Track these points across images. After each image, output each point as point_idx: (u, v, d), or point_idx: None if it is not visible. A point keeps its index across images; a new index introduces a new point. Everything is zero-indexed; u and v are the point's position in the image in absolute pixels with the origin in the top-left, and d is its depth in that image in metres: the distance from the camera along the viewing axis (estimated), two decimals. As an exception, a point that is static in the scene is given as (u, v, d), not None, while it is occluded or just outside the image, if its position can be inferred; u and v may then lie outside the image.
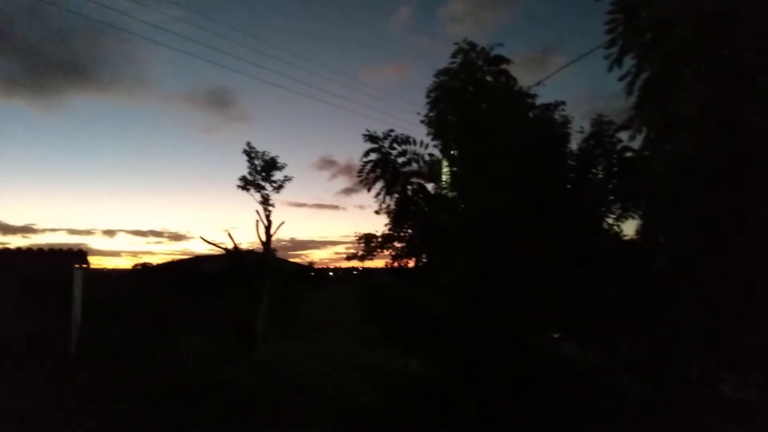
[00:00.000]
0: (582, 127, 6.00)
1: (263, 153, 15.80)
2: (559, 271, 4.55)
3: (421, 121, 6.05)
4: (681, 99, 2.33)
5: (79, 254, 14.35)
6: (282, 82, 67.28)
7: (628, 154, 5.37)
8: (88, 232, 69.35)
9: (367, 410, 5.71)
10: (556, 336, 5.39)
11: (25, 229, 63.09)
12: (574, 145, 6.01)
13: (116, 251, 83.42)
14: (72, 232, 69.86)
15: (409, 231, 5.89)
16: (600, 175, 5.83)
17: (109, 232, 71.21)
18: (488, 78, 5.36)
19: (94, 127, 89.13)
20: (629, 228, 5.70)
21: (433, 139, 5.98)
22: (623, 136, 5.44)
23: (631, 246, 5.06)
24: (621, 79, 2.96)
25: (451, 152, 6.31)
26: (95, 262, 15.88)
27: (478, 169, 5.25)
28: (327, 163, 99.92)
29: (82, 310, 16.21)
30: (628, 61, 2.93)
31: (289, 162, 16.03)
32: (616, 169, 5.60)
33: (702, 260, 2.76)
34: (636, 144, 4.03)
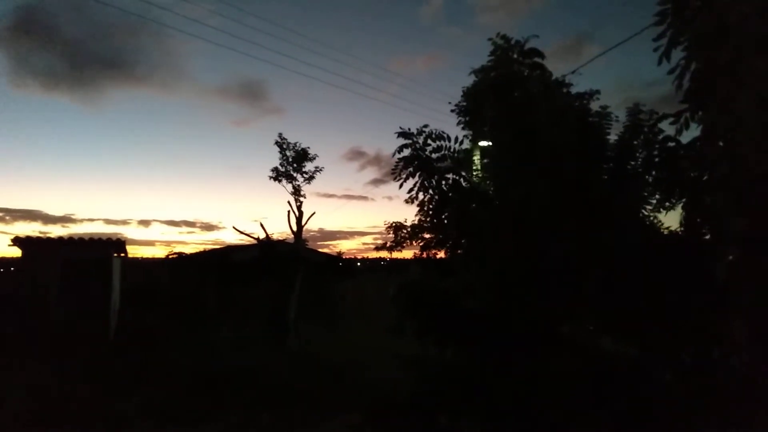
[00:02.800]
0: (617, 117, 5.92)
1: (295, 144, 15.93)
2: (598, 263, 4.51)
3: (452, 110, 6.06)
4: (742, 99, 2.26)
5: (118, 243, 14.78)
6: (313, 73, 67.85)
7: (671, 144, 5.26)
8: (124, 222, 71.34)
9: (408, 398, 5.78)
10: (591, 329, 5.35)
11: (65, 219, 65.32)
12: (612, 135, 5.93)
13: (151, 240, 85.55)
14: (109, 221, 71.92)
15: (445, 222, 5.90)
16: (639, 167, 5.74)
17: (144, 222, 72.97)
18: (524, 71, 5.32)
19: (131, 119, 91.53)
20: (667, 219, 5.62)
21: (463, 129, 5.98)
22: (664, 125, 5.36)
23: (675, 239, 4.97)
24: (670, 72, 2.89)
25: (483, 143, 6.32)
26: (131, 251, 16.46)
27: (515, 162, 5.23)
28: (356, 154, 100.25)
29: (120, 297, 16.72)
30: (677, 54, 2.87)
31: (319, 153, 16.10)
32: (657, 159, 5.50)
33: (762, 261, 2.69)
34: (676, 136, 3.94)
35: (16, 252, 13.82)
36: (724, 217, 2.79)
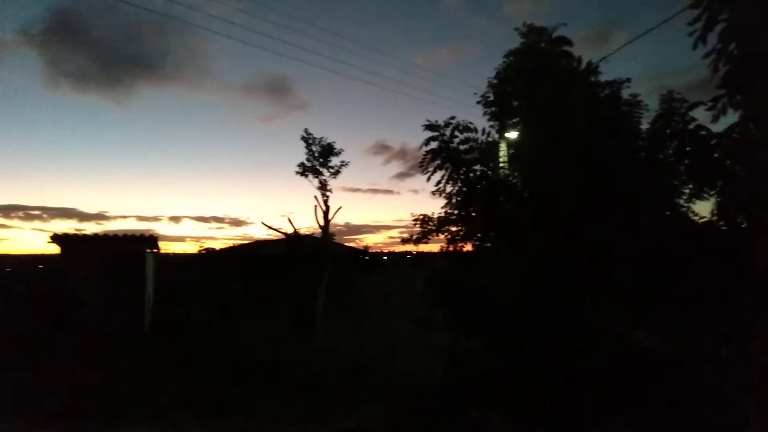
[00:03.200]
0: (647, 105, 5.80)
1: (320, 139, 16.02)
2: (631, 253, 4.43)
3: (478, 102, 6.02)
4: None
5: (150, 239, 15.10)
6: (339, 69, 68.08)
7: (703, 133, 5.12)
8: (156, 219, 73.49)
9: (436, 391, 5.78)
10: (624, 320, 5.25)
11: (99, 217, 67.67)
12: (643, 123, 5.82)
13: (181, 236, 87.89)
14: (141, 218, 74.28)
15: (472, 214, 5.86)
16: (671, 156, 5.62)
17: (175, 219, 74.82)
18: (552, 59, 5.26)
19: (161, 118, 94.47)
20: (699, 208, 5.50)
21: (490, 119, 5.93)
22: (696, 113, 5.23)
23: (710, 229, 4.84)
24: (705, 56, 2.81)
25: (510, 134, 6.26)
26: (162, 246, 16.78)
27: (545, 150, 5.16)
28: (382, 148, 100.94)
29: (153, 292, 17.09)
30: (712, 38, 2.78)
31: (345, 148, 16.20)
32: (689, 148, 5.37)
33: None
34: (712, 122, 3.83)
35: (54, 249, 14.31)
36: (766, 205, 2.70)
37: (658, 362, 4.53)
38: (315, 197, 16.25)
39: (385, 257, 35.54)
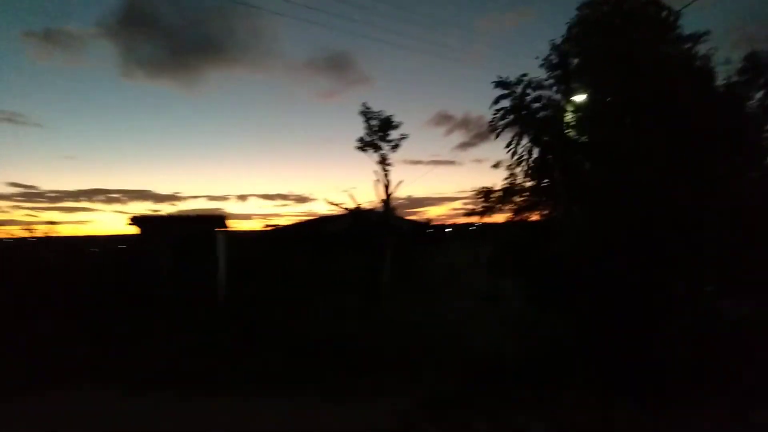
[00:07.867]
0: (727, 58, 5.34)
1: (379, 113, 15.98)
2: (718, 215, 4.09)
3: (540, 65, 5.76)
4: None
5: (221, 219, 15.73)
6: (399, 41, 67.07)
7: None
8: (224, 198, 76.90)
9: (509, 366, 5.68)
10: (710, 289, 4.90)
11: (172, 198, 71.90)
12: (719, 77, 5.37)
13: (248, 214, 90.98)
14: (210, 198, 78.10)
15: (545, 181, 5.63)
16: (756, 107, 5.15)
17: (242, 197, 77.62)
18: (636, 7, 4.87)
19: (227, 100, 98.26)
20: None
21: (554, 84, 5.66)
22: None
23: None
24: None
25: (576, 98, 5.94)
26: (231, 225, 17.29)
27: (618, 111, 4.83)
28: (443, 119, 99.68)
29: (225, 269, 17.81)
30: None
31: (407, 120, 16.30)
32: None
33: None
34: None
35: (134, 230, 15.19)
36: None
37: (749, 334, 4.21)
38: (375, 172, 16.27)
39: (448, 230, 35.19)
